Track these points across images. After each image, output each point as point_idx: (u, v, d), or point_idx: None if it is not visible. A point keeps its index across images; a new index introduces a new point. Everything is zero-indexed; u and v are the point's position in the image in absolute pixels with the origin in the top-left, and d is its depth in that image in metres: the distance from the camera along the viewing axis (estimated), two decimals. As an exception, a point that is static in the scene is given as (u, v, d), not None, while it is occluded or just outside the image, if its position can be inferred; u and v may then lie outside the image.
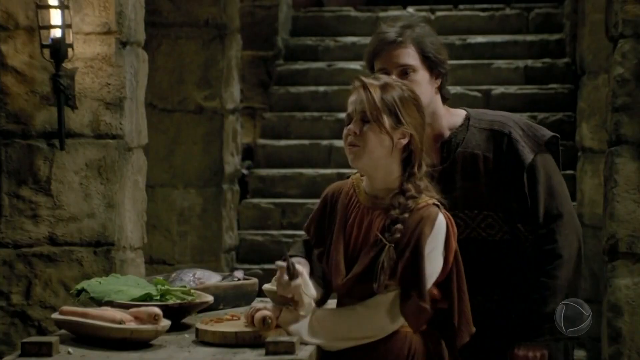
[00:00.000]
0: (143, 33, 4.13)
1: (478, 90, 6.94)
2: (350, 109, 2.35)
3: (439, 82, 2.57)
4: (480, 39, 7.28)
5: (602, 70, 5.74)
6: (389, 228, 2.26)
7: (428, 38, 2.55)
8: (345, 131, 2.34)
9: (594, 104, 5.70)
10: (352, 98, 2.37)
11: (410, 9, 7.76)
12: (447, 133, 2.58)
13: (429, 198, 2.29)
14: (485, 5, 7.75)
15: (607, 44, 4.27)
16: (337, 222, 2.38)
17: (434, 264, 2.27)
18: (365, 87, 2.32)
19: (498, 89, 6.91)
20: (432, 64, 2.54)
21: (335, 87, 7.05)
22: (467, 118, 2.60)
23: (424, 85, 2.52)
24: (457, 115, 2.62)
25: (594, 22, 5.71)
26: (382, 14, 7.74)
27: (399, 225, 2.25)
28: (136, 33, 4.02)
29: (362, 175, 2.43)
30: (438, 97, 2.59)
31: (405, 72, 2.51)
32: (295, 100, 7.11)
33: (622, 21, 3.81)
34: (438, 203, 2.30)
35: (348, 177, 2.49)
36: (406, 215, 2.26)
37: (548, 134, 2.57)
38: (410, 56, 2.52)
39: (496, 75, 7.04)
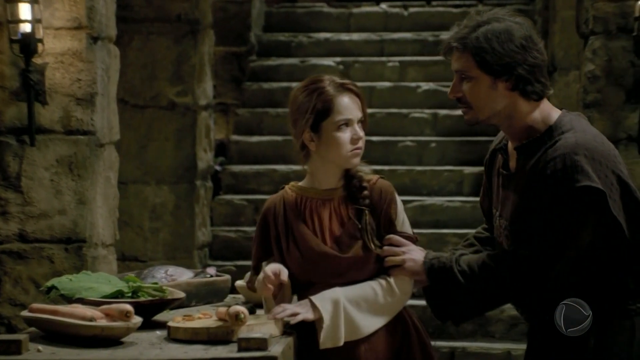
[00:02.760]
0: (114, 28, 4.10)
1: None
2: (349, 115, 2.49)
3: (509, 83, 2.35)
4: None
5: (573, 66, 5.79)
6: (354, 197, 2.51)
7: (493, 40, 2.34)
8: (355, 136, 2.49)
9: (565, 100, 5.74)
10: (347, 103, 2.50)
11: (384, 5, 7.78)
12: (523, 139, 2.40)
13: (370, 173, 2.57)
14: (458, 2, 7.78)
15: (578, 40, 4.31)
16: (293, 225, 2.51)
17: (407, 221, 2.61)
18: (359, 95, 2.52)
19: (470, 85, 6.94)
20: (493, 70, 2.34)
21: (308, 83, 7.03)
22: (550, 130, 2.37)
23: (483, 90, 2.37)
24: (542, 122, 2.40)
25: (565, 18, 5.76)
26: (355, 10, 7.75)
27: (365, 192, 2.51)
28: (107, 28, 3.99)
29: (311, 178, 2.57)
30: (515, 99, 2.37)
31: (461, 77, 2.41)
32: (268, 96, 7.09)
33: (593, 18, 3.84)
34: (382, 176, 2.58)
35: (281, 190, 2.61)
36: (365, 184, 2.52)
37: (581, 182, 2.26)
38: (463, 62, 2.38)
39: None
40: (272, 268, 2.45)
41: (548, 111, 2.42)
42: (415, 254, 2.49)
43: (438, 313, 2.47)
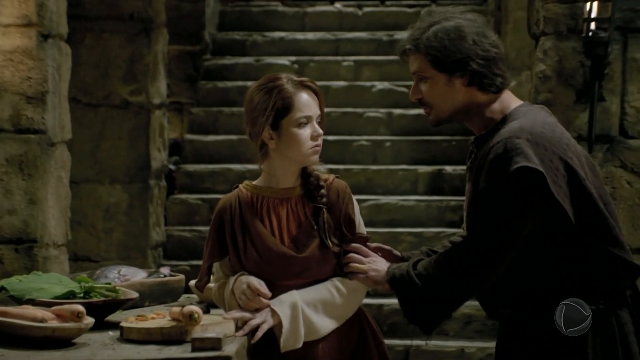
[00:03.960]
0: (66, 26, 4.06)
1: (405, 86, 7.02)
2: (309, 112, 2.50)
3: (464, 79, 2.37)
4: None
5: (525, 66, 5.86)
6: (312, 196, 2.52)
7: (444, 38, 2.36)
8: (315, 133, 2.50)
9: (517, 99, 5.80)
10: (307, 100, 2.49)
11: (338, 5, 7.80)
12: (481, 130, 2.42)
13: (326, 172, 2.59)
14: (411, 2, 7.84)
15: (529, 41, 4.37)
16: (249, 224, 2.50)
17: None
18: (316, 92, 2.53)
19: (424, 85, 6.99)
20: (446, 67, 2.37)
21: (263, 82, 7.02)
22: (504, 119, 2.39)
23: (440, 89, 2.39)
24: (500, 112, 2.41)
25: (517, 19, 5.84)
26: (309, 10, 7.76)
27: (322, 190, 2.52)
28: (58, 26, 3.94)
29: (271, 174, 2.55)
30: (474, 94, 2.39)
31: (418, 78, 2.44)
32: (223, 95, 7.07)
33: (544, 19, 3.90)
34: (338, 175, 2.61)
35: (234, 189, 2.58)
36: (322, 182, 2.53)
37: (519, 163, 2.26)
38: (418, 63, 2.41)
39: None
40: (254, 280, 2.44)
41: (508, 102, 2.44)
42: (379, 265, 2.50)
43: (411, 321, 2.45)
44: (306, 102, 2.49)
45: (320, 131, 2.51)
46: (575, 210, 2.30)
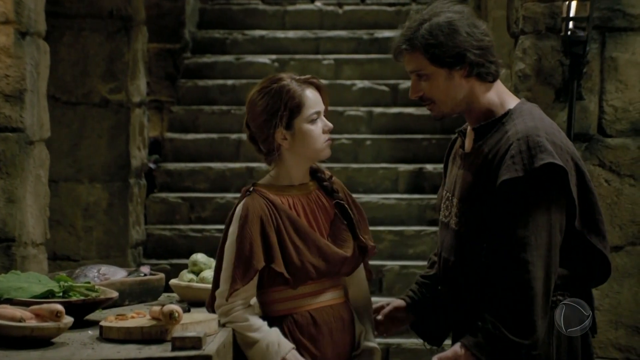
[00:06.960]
0: (44, 23, 4.03)
1: (385, 85, 7.03)
2: (318, 107, 2.56)
3: (464, 71, 2.40)
4: (387, 33, 7.37)
5: (504, 65, 5.86)
6: (331, 193, 2.60)
7: (439, 34, 2.39)
8: (326, 127, 2.57)
9: (497, 98, 5.82)
10: (315, 96, 2.55)
11: (318, 3, 7.80)
12: (480, 120, 2.45)
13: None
14: (392, 0, 7.85)
15: (509, 40, 4.38)
16: (296, 227, 2.49)
17: None
18: (320, 88, 2.58)
19: (405, 83, 7.02)
20: (446, 62, 2.39)
21: (243, 81, 7.03)
22: (509, 114, 2.43)
23: (441, 84, 2.42)
24: (500, 106, 2.45)
25: (496, 18, 5.85)
26: (290, 8, 7.75)
27: (335, 186, 2.62)
28: (36, 23, 3.92)
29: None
30: (473, 84, 2.43)
31: (418, 76, 2.46)
32: (203, 94, 7.05)
33: (523, 18, 3.91)
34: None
35: (249, 193, 2.52)
36: (332, 179, 2.63)
37: (545, 159, 2.31)
38: (416, 62, 2.44)
39: (403, 69, 7.07)
40: None
41: (505, 95, 2.49)
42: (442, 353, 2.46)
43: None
44: (314, 98, 2.54)
45: (330, 125, 2.57)
46: (580, 209, 2.37)
